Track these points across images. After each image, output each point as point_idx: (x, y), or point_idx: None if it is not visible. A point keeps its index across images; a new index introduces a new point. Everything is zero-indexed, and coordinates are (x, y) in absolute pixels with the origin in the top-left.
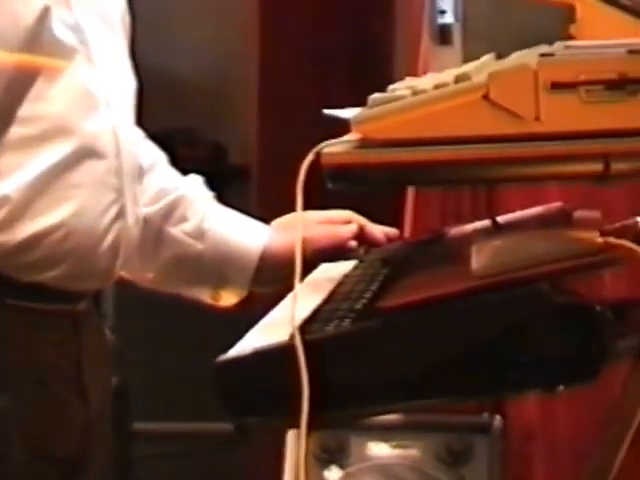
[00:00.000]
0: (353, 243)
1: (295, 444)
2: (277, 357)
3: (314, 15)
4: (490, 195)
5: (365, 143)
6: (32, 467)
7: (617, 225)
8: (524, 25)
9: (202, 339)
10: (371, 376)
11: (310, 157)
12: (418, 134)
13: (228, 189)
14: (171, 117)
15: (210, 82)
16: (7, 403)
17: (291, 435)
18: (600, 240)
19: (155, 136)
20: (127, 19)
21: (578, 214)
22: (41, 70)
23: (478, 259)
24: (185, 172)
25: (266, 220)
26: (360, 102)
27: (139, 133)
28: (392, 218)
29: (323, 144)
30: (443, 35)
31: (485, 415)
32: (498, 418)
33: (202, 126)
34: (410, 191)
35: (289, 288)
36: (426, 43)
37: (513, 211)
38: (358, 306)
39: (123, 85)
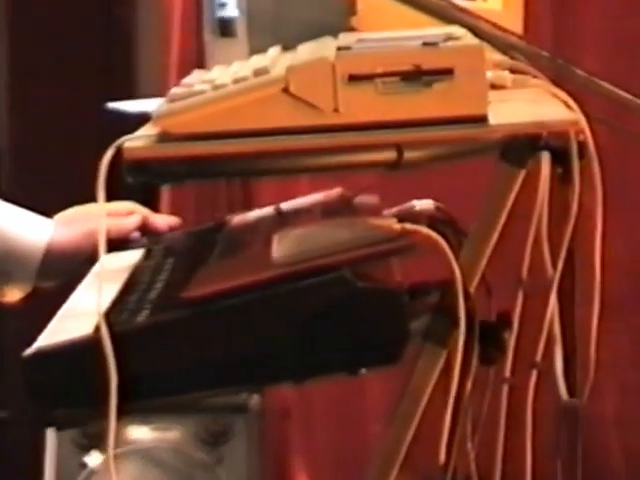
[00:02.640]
0: (136, 234)
1: (54, 433)
2: (84, 349)
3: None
4: (245, 187)
5: (166, 137)
6: None
7: (395, 209)
8: (307, 17)
9: None
10: (177, 365)
11: (111, 151)
12: (219, 128)
13: None
14: None
15: None
16: None
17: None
18: (398, 226)
19: None
20: None
21: (358, 200)
22: None
23: (279, 248)
24: None
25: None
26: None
27: None
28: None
29: (123, 138)
30: (224, 28)
31: (243, 395)
32: (256, 397)
33: None
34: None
35: (74, 280)
36: (206, 35)
37: (267, 202)
38: (152, 296)
39: None
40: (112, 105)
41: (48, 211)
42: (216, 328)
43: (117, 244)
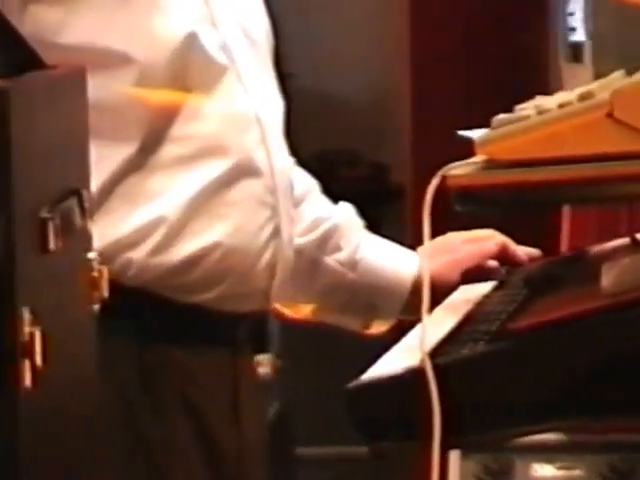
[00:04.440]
0: (495, 263)
1: (457, 465)
2: (407, 382)
3: (465, 31)
4: None
5: (491, 164)
6: None
7: None
8: None
9: (367, 362)
10: (502, 398)
11: (436, 180)
12: (542, 154)
13: (390, 208)
14: (331, 138)
15: (368, 102)
16: (162, 431)
17: (453, 456)
18: None
19: (315, 158)
20: (271, 38)
21: None
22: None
23: (608, 277)
24: (346, 193)
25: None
26: None
27: (291, 159)
28: (542, 236)
29: (449, 166)
30: (574, 53)
31: None
32: None
33: (363, 146)
34: (565, 208)
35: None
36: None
37: None
38: (493, 328)
39: (272, 104)
40: (462, 132)
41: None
42: (535, 360)
43: (478, 274)
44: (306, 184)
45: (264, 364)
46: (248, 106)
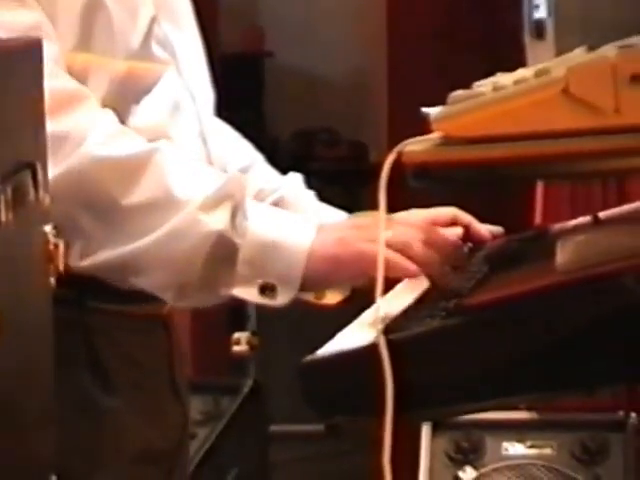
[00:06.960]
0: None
1: (429, 440)
2: (361, 357)
3: (441, 13)
4: (621, 186)
5: (446, 141)
6: (136, 467)
7: None
8: (617, 17)
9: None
10: (455, 375)
11: (392, 156)
12: (498, 130)
13: (369, 187)
14: (311, 117)
15: (347, 82)
16: (117, 404)
17: (425, 431)
18: None
19: (294, 137)
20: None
21: None
22: (146, 78)
23: (562, 254)
24: (325, 172)
25: None
26: None
27: (235, 134)
28: (518, 212)
29: (404, 143)
30: (537, 29)
31: (620, 412)
32: (634, 415)
33: (342, 126)
34: (539, 185)
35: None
36: (525, 37)
37: None
38: (451, 305)
39: (206, 94)
40: (424, 109)
41: None
42: (487, 337)
43: None
44: (249, 156)
45: (241, 342)
46: (187, 99)
